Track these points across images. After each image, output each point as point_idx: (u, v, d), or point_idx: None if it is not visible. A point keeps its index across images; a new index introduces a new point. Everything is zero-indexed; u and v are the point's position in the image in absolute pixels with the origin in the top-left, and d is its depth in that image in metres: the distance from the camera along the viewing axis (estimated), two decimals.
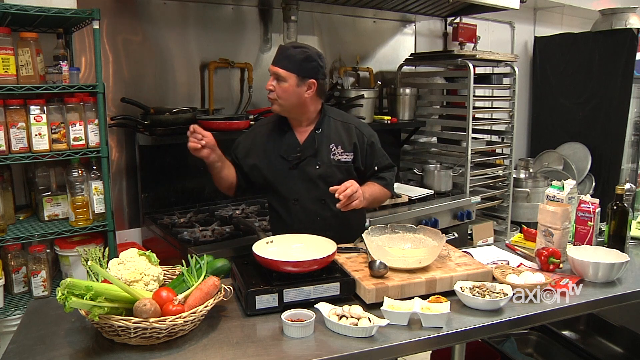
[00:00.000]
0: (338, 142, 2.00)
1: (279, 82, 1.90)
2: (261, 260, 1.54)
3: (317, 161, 1.98)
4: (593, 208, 1.95)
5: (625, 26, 4.28)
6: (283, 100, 1.92)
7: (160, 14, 2.83)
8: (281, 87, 1.90)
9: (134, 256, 1.48)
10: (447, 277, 1.58)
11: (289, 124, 2.03)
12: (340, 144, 2.00)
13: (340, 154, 1.99)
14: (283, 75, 1.88)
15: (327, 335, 1.36)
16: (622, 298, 1.67)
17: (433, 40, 4.13)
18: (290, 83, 1.89)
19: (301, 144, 1.99)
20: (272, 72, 1.92)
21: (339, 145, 2.00)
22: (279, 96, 1.92)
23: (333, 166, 1.98)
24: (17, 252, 2.22)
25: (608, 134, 4.37)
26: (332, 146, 1.99)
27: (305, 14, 3.29)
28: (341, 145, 2.00)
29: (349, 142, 2.01)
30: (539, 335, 2.45)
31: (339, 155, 1.99)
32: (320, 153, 1.99)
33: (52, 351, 1.30)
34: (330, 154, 1.99)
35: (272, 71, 1.92)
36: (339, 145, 2.00)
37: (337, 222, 2.00)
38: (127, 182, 2.83)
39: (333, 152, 1.99)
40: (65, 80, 2.16)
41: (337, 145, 2.00)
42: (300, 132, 2.01)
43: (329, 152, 1.99)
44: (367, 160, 2.05)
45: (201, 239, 2.44)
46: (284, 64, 1.89)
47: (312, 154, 1.98)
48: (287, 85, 1.89)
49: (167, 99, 2.90)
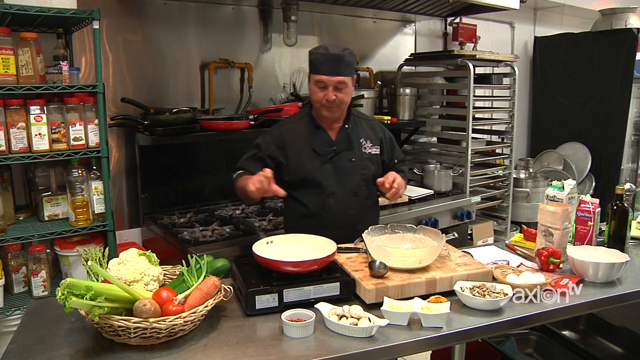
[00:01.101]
0: (366, 137, 2.10)
1: (341, 90, 1.94)
2: (261, 260, 1.54)
3: (351, 155, 2.05)
4: (593, 208, 1.95)
5: (625, 26, 4.28)
6: (344, 104, 2.00)
7: (160, 14, 2.83)
8: (343, 93, 1.95)
9: (134, 256, 1.48)
10: (447, 277, 1.58)
11: (320, 123, 2.06)
12: (369, 138, 2.10)
13: (369, 147, 2.09)
14: (347, 82, 1.94)
15: (327, 335, 1.36)
16: (622, 298, 1.67)
17: (433, 40, 4.13)
18: (350, 86, 1.97)
19: (334, 139, 2.05)
20: (333, 82, 1.92)
21: (367, 140, 2.09)
22: (342, 101, 1.97)
23: (365, 159, 2.07)
24: (17, 252, 2.22)
25: (608, 134, 4.37)
26: (362, 140, 2.08)
27: (305, 14, 3.29)
28: (369, 139, 2.10)
29: (375, 136, 2.12)
30: (539, 335, 2.45)
31: (369, 148, 2.09)
32: (353, 147, 2.06)
33: (52, 351, 1.30)
34: (361, 148, 2.08)
35: (333, 82, 1.92)
36: (368, 139, 2.10)
37: (366, 215, 2.08)
38: (127, 182, 2.83)
39: (364, 146, 2.08)
40: (65, 80, 2.16)
41: (366, 139, 2.09)
42: (331, 129, 2.07)
43: (360, 146, 2.08)
44: (389, 154, 2.17)
45: (201, 239, 2.44)
46: (345, 70, 1.93)
47: (347, 147, 2.05)
48: (348, 89, 1.97)
49: (167, 99, 2.90)
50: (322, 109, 1.99)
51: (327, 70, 1.92)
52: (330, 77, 1.92)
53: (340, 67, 1.92)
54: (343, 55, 1.93)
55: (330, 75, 1.91)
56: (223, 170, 3.10)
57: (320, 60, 1.93)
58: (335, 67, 1.92)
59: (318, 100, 1.98)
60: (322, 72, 1.92)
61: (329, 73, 1.91)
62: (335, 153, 2.03)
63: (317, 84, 1.95)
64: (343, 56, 1.93)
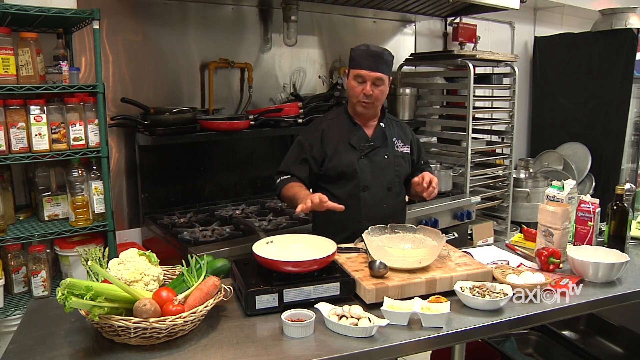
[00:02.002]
0: (398, 136, 2.18)
1: (378, 86, 2.02)
2: (261, 260, 1.54)
3: (386, 151, 2.13)
4: (593, 208, 1.95)
5: (625, 26, 4.28)
6: (379, 102, 2.08)
7: (160, 14, 2.83)
8: (380, 90, 2.03)
9: (134, 256, 1.48)
10: (447, 277, 1.58)
11: (357, 120, 2.13)
12: (400, 138, 2.19)
13: (401, 147, 2.17)
14: (384, 79, 2.02)
15: (327, 335, 1.36)
16: (622, 298, 1.67)
17: (433, 40, 4.13)
18: (386, 85, 2.05)
19: (370, 137, 2.12)
20: (371, 77, 2.00)
21: (399, 139, 2.18)
22: (377, 98, 2.04)
23: (398, 156, 2.15)
24: (17, 252, 2.22)
25: (608, 134, 4.37)
26: (394, 139, 2.17)
27: (305, 14, 3.29)
28: (401, 139, 2.18)
29: (406, 137, 2.21)
30: (539, 335, 2.45)
31: (401, 147, 2.17)
32: (388, 144, 2.14)
33: (52, 351, 1.30)
34: (394, 146, 2.15)
35: (371, 77, 2.00)
36: (399, 139, 2.18)
37: (398, 210, 2.17)
38: (127, 182, 2.83)
39: (396, 145, 2.16)
40: (65, 80, 2.16)
41: (398, 139, 2.18)
42: (367, 126, 2.14)
43: (393, 144, 2.15)
44: (417, 155, 2.26)
45: (201, 239, 2.44)
46: (384, 68, 2.01)
47: (382, 144, 2.12)
48: (384, 87, 2.05)
49: (167, 99, 2.90)
50: (358, 105, 2.06)
51: (366, 66, 2.00)
52: (369, 72, 2.00)
53: (379, 64, 2.00)
54: (383, 54, 2.03)
55: (370, 70, 2.00)
56: (223, 170, 3.10)
57: (361, 56, 2.02)
58: (374, 63, 2.00)
59: (355, 95, 2.05)
60: (362, 67, 2.01)
61: (369, 68, 2.00)
62: (371, 149, 2.10)
63: (356, 79, 2.03)
64: (383, 54, 2.02)
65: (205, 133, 2.68)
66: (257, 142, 3.20)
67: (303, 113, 3.03)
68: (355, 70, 2.02)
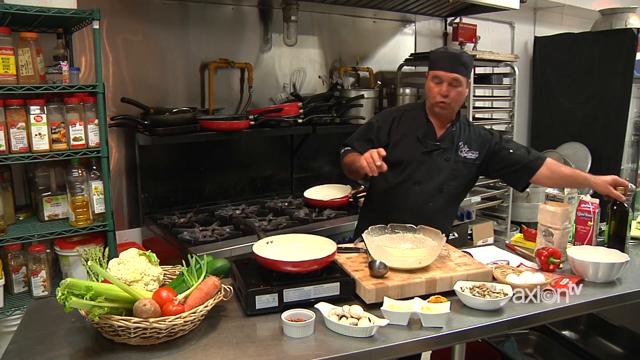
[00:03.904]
0: (466, 141, 2.15)
1: (455, 87, 2.02)
2: (261, 260, 1.54)
3: (448, 154, 2.12)
4: (593, 208, 1.95)
5: (625, 26, 4.28)
6: (456, 104, 2.07)
7: (160, 14, 2.83)
8: (457, 91, 2.03)
9: (134, 256, 1.48)
10: (447, 277, 1.58)
11: (430, 118, 2.14)
12: (468, 143, 2.15)
13: (467, 152, 2.15)
14: (461, 80, 2.02)
15: (327, 335, 1.36)
16: (622, 298, 1.67)
17: (433, 40, 4.13)
18: (463, 87, 2.05)
19: (439, 136, 2.12)
20: (448, 78, 2.01)
21: (466, 144, 2.15)
22: (454, 99, 2.04)
23: (459, 161, 2.13)
24: (17, 252, 2.22)
25: (608, 134, 4.37)
26: (461, 144, 2.14)
27: (305, 14, 3.29)
28: (468, 144, 2.15)
29: (476, 142, 2.16)
30: (539, 335, 2.45)
31: (466, 152, 2.15)
32: (453, 147, 2.13)
33: (52, 351, 1.30)
34: (458, 151, 2.14)
35: (448, 77, 2.01)
36: (467, 144, 2.15)
37: (443, 212, 2.17)
38: (127, 182, 2.83)
39: (461, 149, 2.14)
40: (65, 80, 2.16)
41: (465, 143, 2.15)
42: (438, 126, 2.14)
43: (458, 149, 2.14)
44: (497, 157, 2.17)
45: (201, 239, 2.44)
46: (461, 70, 2.02)
47: (448, 146, 2.12)
48: (461, 89, 2.04)
49: (167, 99, 2.90)
50: (436, 106, 2.07)
51: (444, 66, 2.02)
52: (447, 73, 2.01)
53: (457, 65, 2.01)
54: (461, 55, 2.03)
55: (447, 71, 2.01)
56: (223, 170, 3.10)
57: (439, 58, 2.05)
58: (452, 64, 2.01)
59: (433, 96, 2.06)
60: (439, 68, 2.03)
61: (446, 69, 2.01)
62: (436, 148, 2.10)
63: (434, 80, 2.05)
64: (461, 56, 2.03)
65: (205, 133, 2.68)
66: (257, 142, 3.21)
67: (303, 113, 3.04)
68: (433, 72, 2.04)
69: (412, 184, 2.10)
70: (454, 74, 2.00)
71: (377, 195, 2.22)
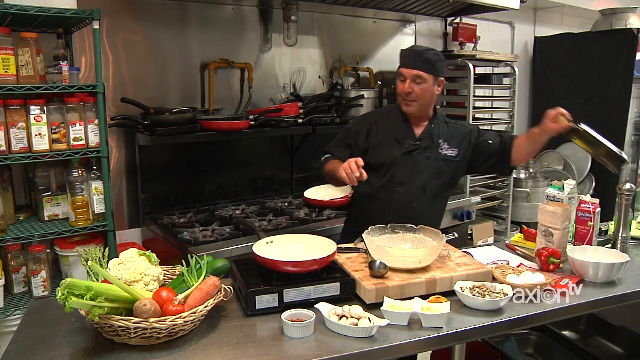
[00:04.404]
0: (446, 138, 2.17)
1: (419, 84, 2.04)
2: (261, 260, 1.54)
3: (429, 152, 2.13)
4: (593, 208, 1.95)
5: (625, 26, 4.28)
6: (422, 100, 2.08)
7: (160, 14, 2.83)
8: (420, 88, 2.05)
9: (134, 256, 1.48)
10: (447, 277, 1.58)
11: (407, 117, 2.15)
12: (447, 140, 2.17)
13: (447, 149, 2.16)
14: (424, 77, 2.04)
15: (327, 335, 1.36)
16: (622, 298, 1.67)
17: (433, 40, 4.13)
18: (429, 83, 2.05)
19: (417, 136, 2.14)
20: (410, 75, 2.04)
21: (446, 141, 2.17)
22: (418, 96, 2.06)
23: (440, 159, 2.15)
24: (17, 252, 2.22)
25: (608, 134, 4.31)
26: (441, 141, 2.16)
27: (305, 14, 3.29)
28: (448, 141, 2.17)
29: (455, 139, 2.18)
30: (539, 335, 2.45)
31: (446, 150, 2.16)
32: (433, 146, 2.14)
33: (52, 351, 1.30)
34: (439, 148, 2.15)
35: (410, 74, 2.04)
36: (446, 141, 2.17)
37: (430, 211, 2.19)
38: (127, 182, 2.83)
39: (441, 147, 2.16)
40: (65, 80, 2.16)
41: (445, 141, 2.17)
42: (417, 125, 2.16)
43: (438, 147, 2.15)
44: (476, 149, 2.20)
45: (201, 239, 2.44)
46: (424, 66, 2.03)
47: (428, 145, 2.13)
48: (426, 85, 2.05)
49: (167, 99, 2.90)
50: (402, 103, 2.11)
51: (406, 64, 2.06)
52: (409, 70, 2.04)
53: (419, 62, 2.03)
54: (424, 52, 2.05)
55: (409, 68, 2.04)
56: (223, 170, 3.10)
57: (404, 56, 2.11)
58: (413, 61, 2.04)
59: (399, 93, 2.10)
60: (403, 65, 2.07)
61: (408, 66, 2.05)
62: (416, 147, 2.12)
63: (399, 77, 2.09)
64: (424, 53, 2.05)
65: (205, 133, 2.68)
66: (257, 142, 3.21)
67: (303, 113, 3.04)
68: (399, 70, 2.09)
69: (395, 186, 2.11)
70: (415, 71, 2.02)
71: (362, 199, 2.21)
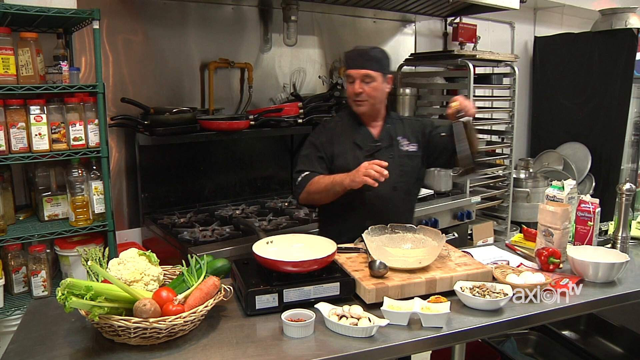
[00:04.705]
0: (404, 135, 2.17)
1: (368, 83, 2.04)
2: (261, 260, 1.54)
3: (391, 152, 2.12)
4: (593, 208, 1.95)
5: (625, 26, 4.28)
6: (373, 99, 2.07)
7: (160, 14, 2.83)
8: (370, 87, 2.04)
9: (134, 256, 1.48)
10: (447, 277, 1.58)
11: (362, 120, 2.14)
12: (406, 136, 2.17)
13: (407, 145, 2.16)
14: (373, 76, 2.03)
15: (327, 335, 1.36)
16: (622, 298, 1.67)
17: (433, 40, 4.13)
18: (379, 82, 2.05)
19: (376, 137, 2.13)
20: (359, 75, 2.03)
21: (405, 138, 2.17)
22: (369, 96, 2.05)
23: (404, 156, 2.14)
24: (17, 252, 2.22)
25: (608, 134, 4.37)
26: (399, 138, 2.16)
27: (305, 14, 3.29)
28: (407, 137, 2.17)
29: (413, 134, 2.18)
30: (539, 335, 2.45)
31: (407, 146, 2.16)
32: (394, 144, 2.14)
33: (52, 351, 1.30)
34: (399, 146, 2.15)
35: (359, 74, 2.03)
36: (405, 137, 2.17)
37: (404, 210, 2.17)
38: (127, 182, 2.83)
39: (401, 144, 2.15)
40: (65, 80, 2.16)
41: (404, 137, 2.16)
42: (372, 126, 2.15)
43: (398, 144, 2.15)
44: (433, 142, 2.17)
45: (201, 239, 2.44)
46: (371, 65, 2.03)
47: (388, 144, 2.12)
48: (376, 84, 2.04)
49: (167, 99, 2.90)
50: (353, 104, 2.09)
51: (353, 65, 2.05)
52: (357, 71, 2.03)
53: (366, 62, 2.03)
54: (369, 51, 2.06)
55: (356, 69, 2.03)
56: (223, 170, 3.10)
57: (350, 57, 2.09)
58: (360, 61, 2.04)
59: (349, 95, 2.09)
60: (350, 66, 2.06)
61: (355, 67, 2.04)
62: (377, 149, 2.10)
63: (348, 79, 2.08)
64: (369, 51, 2.06)
65: (205, 133, 2.68)
66: (257, 142, 3.21)
67: (303, 113, 3.03)
68: (347, 72, 2.08)
69: (365, 191, 2.01)
70: (364, 70, 2.02)
71: (334, 209, 2.10)
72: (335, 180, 1.96)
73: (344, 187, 1.92)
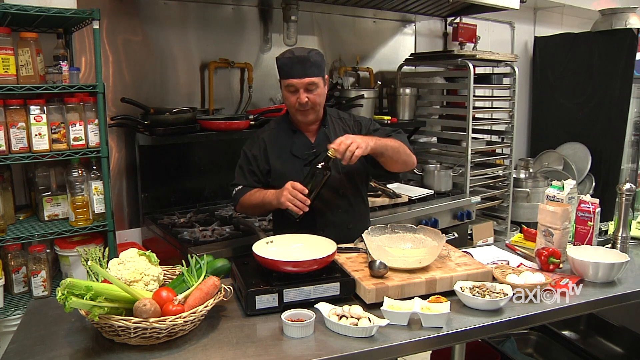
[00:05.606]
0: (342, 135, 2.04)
1: (312, 91, 1.93)
2: (261, 260, 1.54)
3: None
4: (593, 208, 1.95)
5: (625, 26, 4.28)
6: (318, 106, 1.98)
7: (160, 14, 2.83)
8: (315, 94, 1.94)
9: (134, 256, 1.48)
10: (447, 277, 1.58)
11: (297, 127, 2.05)
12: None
13: None
14: (317, 82, 1.93)
15: (327, 335, 1.36)
16: (622, 298, 1.67)
17: (433, 40, 4.13)
18: (321, 87, 1.96)
19: (313, 142, 2.04)
20: (302, 84, 1.91)
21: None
22: (315, 103, 1.95)
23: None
24: (17, 252, 2.22)
25: (608, 134, 4.37)
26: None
27: (305, 14, 3.29)
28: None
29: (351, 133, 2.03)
30: (539, 335, 2.45)
31: None
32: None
33: (52, 351, 1.30)
34: None
35: (302, 84, 1.91)
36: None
37: (356, 214, 2.08)
38: (127, 182, 2.83)
39: None
40: (65, 80, 2.16)
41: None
42: (308, 131, 2.06)
43: None
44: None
45: (201, 239, 2.44)
46: (313, 71, 1.92)
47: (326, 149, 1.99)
48: (320, 89, 1.95)
49: (167, 99, 2.90)
50: (297, 113, 1.98)
51: (295, 74, 1.91)
52: (299, 80, 1.91)
53: (308, 68, 1.91)
54: (309, 57, 1.91)
55: (299, 78, 1.91)
56: (223, 170, 3.10)
57: (287, 65, 1.93)
58: (302, 69, 1.90)
59: (292, 105, 1.97)
60: (291, 75, 1.92)
61: (297, 76, 1.91)
62: (315, 155, 2.01)
63: (288, 89, 1.95)
64: (309, 57, 1.91)
65: (205, 133, 2.68)
66: None
67: None
68: (285, 81, 1.94)
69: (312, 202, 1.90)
70: (308, 79, 1.90)
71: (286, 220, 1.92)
72: (266, 199, 1.91)
73: (274, 206, 1.87)
